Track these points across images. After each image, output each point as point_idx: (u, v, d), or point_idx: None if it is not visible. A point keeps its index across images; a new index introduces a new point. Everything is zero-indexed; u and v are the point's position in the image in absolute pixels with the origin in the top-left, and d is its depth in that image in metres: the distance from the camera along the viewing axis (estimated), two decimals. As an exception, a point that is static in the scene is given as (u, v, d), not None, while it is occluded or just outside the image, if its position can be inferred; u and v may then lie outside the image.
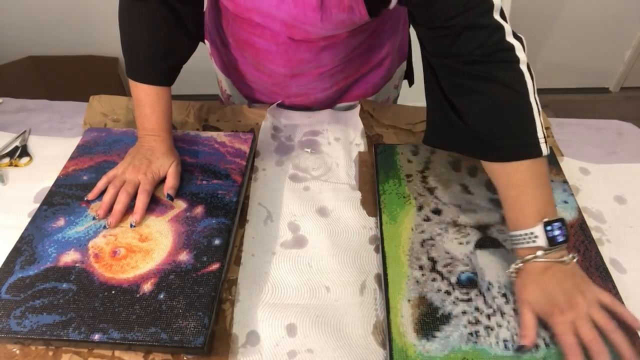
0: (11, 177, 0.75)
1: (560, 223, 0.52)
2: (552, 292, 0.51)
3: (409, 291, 0.56)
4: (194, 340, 0.51)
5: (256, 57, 0.78)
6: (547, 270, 0.52)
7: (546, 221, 0.52)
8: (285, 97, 0.85)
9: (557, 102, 2.20)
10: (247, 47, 0.77)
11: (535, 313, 0.51)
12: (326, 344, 0.54)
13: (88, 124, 0.84)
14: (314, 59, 0.75)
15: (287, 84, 0.81)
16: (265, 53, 0.75)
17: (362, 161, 0.77)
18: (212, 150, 0.74)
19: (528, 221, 0.53)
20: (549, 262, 0.52)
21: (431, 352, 0.51)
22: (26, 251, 0.60)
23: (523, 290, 0.53)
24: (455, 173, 0.72)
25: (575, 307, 0.50)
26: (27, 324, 0.53)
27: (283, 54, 0.74)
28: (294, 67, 0.77)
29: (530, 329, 0.51)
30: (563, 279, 0.51)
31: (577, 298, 0.50)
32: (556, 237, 0.52)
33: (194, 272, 0.58)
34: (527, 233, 0.53)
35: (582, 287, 0.51)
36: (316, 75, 0.79)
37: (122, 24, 0.68)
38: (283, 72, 0.78)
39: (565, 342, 0.49)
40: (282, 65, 0.76)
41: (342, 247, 0.64)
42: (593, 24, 2.03)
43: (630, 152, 0.79)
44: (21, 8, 1.91)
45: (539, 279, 0.52)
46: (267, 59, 0.77)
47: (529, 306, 0.52)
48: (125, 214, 0.64)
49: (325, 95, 0.85)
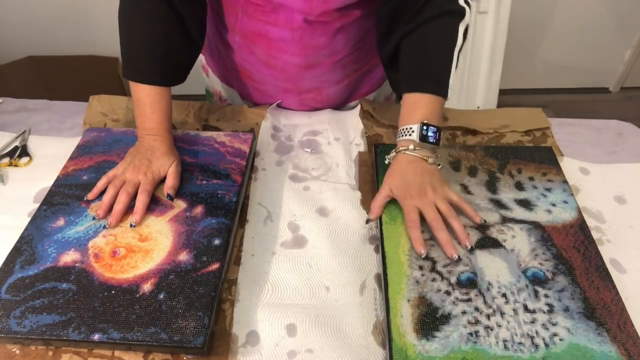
0: (11, 177, 0.75)
1: (435, 129, 0.64)
2: (410, 181, 0.63)
3: (409, 291, 0.56)
4: (193, 340, 0.51)
5: (269, 49, 0.77)
6: (412, 163, 0.64)
7: (424, 122, 0.63)
8: (297, 93, 0.84)
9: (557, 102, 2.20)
10: (258, 39, 0.76)
11: (390, 195, 0.64)
12: (326, 344, 0.54)
13: (88, 124, 0.84)
14: (329, 44, 0.75)
15: (301, 76, 0.80)
16: (279, 42, 0.75)
17: (362, 161, 0.77)
18: (211, 150, 0.74)
19: (412, 120, 0.64)
20: (416, 157, 0.64)
21: (431, 352, 0.51)
22: (26, 251, 0.60)
23: (389, 175, 0.65)
24: (455, 173, 0.72)
25: (424, 196, 0.62)
26: (26, 324, 0.53)
27: (298, 40, 0.73)
28: (308, 55, 0.76)
29: (379, 206, 0.64)
30: (422, 174, 0.63)
31: (428, 190, 0.62)
32: (428, 136, 0.64)
33: (194, 272, 0.58)
34: (407, 127, 0.65)
35: (435, 184, 0.63)
36: (330, 64, 0.79)
37: (122, 22, 0.68)
38: (297, 62, 0.77)
39: (408, 218, 0.61)
40: (297, 53, 0.76)
41: (342, 247, 0.64)
42: (593, 24, 2.03)
43: (630, 152, 0.79)
44: (21, 8, 1.91)
45: (403, 169, 0.64)
46: (281, 49, 0.76)
47: (387, 189, 0.64)
48: (125, 214, 0.64)
49: (337, 90, 0.84)
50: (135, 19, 0.67)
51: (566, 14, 2.00)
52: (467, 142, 0.81)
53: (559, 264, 0.59)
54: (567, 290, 0.56)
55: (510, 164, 0.73)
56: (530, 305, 0.55)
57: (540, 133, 0.82)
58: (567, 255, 0.60)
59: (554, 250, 0.60)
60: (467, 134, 0.82)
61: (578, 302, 0.55)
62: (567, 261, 0.59)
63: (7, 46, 2.00)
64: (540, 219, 0.64)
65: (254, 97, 0.89)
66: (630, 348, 0.51)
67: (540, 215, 0.65)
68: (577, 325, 0.53)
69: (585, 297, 0.56)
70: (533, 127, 0.82)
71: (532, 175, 0.71)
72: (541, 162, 0.73)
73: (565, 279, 0.57)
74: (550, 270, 0.58)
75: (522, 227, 0.63)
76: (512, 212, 0.65)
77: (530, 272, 0.58)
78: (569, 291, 0.56)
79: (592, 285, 0.57)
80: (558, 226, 0.64)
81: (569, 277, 0.58)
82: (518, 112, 0.86)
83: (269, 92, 0.86)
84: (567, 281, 0.57)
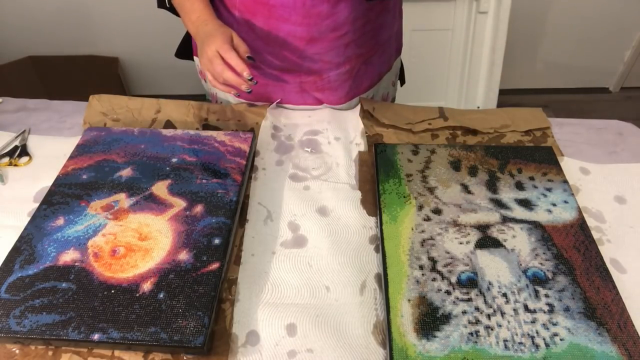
0: (11, 176, 0.75)
1: None
2: None
3: (409, 291, 0.56)
4: (193, 340, 0.51)
5: (269, 18, 0.76)
6: None
7: None
8: (297, 76, 0.83)
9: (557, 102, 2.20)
10: (259, 8, 0.76)
11: None
12: (326, 344, 0.54)
13: (88, 124, 0.84)
14: (331, 13, 0.75)
15: (302, 53, 0.80)
16: (281, 9, 0.74)
17: (362, 161, 0.77)
18: (212, 149, 0.74)
19: None
20: None
21: (431, 351, 0.51)
22: (26, 250, 0.60)
23: None
24: (455, 173, 0.71)
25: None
26: (26, 323, 0.53)
27: (300, 7, 0.73)
28: (311, 25, 0.76)
29: None
30: None
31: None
32: None
33: (194, 271, 0.58)
34: None
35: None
36: (332, 40, 0.78)
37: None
38: (299, 33, 0.77)
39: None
40: (299, 22, 0.75)
41: (342, 246, 0.64)
42: (593, 24, 2.03)
43: (630, 152, 0.79)
44: (21, 8, 1.91)
45: None
46: (283, 17, 0.75)
47: None
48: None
49: (338, 75, 0.83)
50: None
51: (566, 13, 1.99)
52: (467, 142, 0.81)
53: (560, 263, 0.59)
54: (568, 290, 0.56)
55: (511, 163, 0.73)
56: (530, 305, 0.55)
57: (540, 133, 0.82)
58: (568, 255, 0.60)
59: (554, 250, 0.60)
60: (467, 134, 0.82)
61: (578, 302, 0.55)
62: (567, 261, 0.59)
63: (7, 46, 2.00)
64: (540, 219, 0.64)
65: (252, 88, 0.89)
66: (630, 348, 0.51)
67: (541, 215, 0.65)
68: (578, 325, 0.53)
69: (585, 297, 0.56)
70: (533, 127, 0.82)
71: (532, 175, 0.71)
72: (541, 162, 0.73)
73: (565, 278, 0.57)
74: (550, 270, 0.58)
75: (523, 226, 0.63)
76: (512, 212, 0.65)
77: (531, 272, 0.58)
78: (570, 291, 0.56)
79: (593, 285, 0.57)
80: (558, 226, 0.64)
81: (570, 277, 0.58)
82: (518, 112, 0.86)
83: (267, 78, 0.85)
84: (568, 281, 0.57)
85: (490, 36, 1.75)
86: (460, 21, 1.75)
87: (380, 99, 0.95)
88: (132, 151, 0.74)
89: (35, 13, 1.91)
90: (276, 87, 0.86)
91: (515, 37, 1.93)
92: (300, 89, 0.85)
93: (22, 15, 1.93)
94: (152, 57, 2.03)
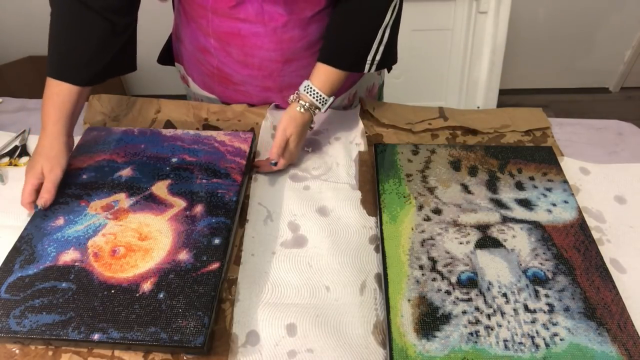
0: (11, 176, 0.75)
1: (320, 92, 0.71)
2: None
3: (409, 291, 0.56)
4: (193, 340, 0.51)
5: (244, 47, 0.76)
6: None
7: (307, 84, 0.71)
8: (278, 91, 0.84)
9: (557, 102, 2.20)
10: (232, 39, 0.76)
11: None
12: (326, 344, 0.54)
13: (88, 123, 0.84)
14: (304, 36, 0.75)
15: (280, 72, 0.80)
16: (254, 38, 0.75)
17: (362, 161, 0.77)
18: (211, 149, 0.74)
19: None
20: None
21: (431, 351, 0.51)
22: (25, 250, 0.60)
23: None
24: (455, 173, 0.71)
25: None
26: (26, 323, 0.53)
27: (272, 34, 0.74)
28: (285, 50, 0.76)
29: (279, 147, 0.72)
30: None
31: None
32: None
33: (194, 271, 0.58)
34: None
35: None
36: (307, 57, 0.78)
37: None
38: (275, 57, 0.77)
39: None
40: (273, 49, 0.76)
41: (342, 246, 0.64)
42: (593, 24, 2.03)
43: (630, 152, 0.79)
44: (21, 8, 1.91)
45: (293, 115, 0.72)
46: (256, 46, 0.76)
47: None
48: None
49: None
50: None
51: (566, 13, 2.00)
52: (467, 142, 0.81)
53: (560, 263, 0.59)
54: (568, 290, 0.56)
55: (511, 163, 0.73)
56: (530, 305, 0.55)
57: (540, 133, 0.82)
58: (568, 255, 0.60)
59: (554, 250, 0.60)
60: (467, 134, 0.82)
61: (578, 302, 0.55)
62: (567, 261, 0.59)
63: (7, 46, 2.00)
64: (540, 219, 0.64)
65: (236, 101, 0.88)
66: (630, 348, 0.51)
67: (541, 215, 0.65)
68: (578, 325, 0.53)
69: (585, 297, 0.56)
70: (533, 127, 0.82)
71: (532, 175, 0.71)
72: (541, 162, 0.73)
73: (565, 278, 0.57)
74: (550, 270, 0.58)
75: (523, 226, 0.63)
76: (512, 212, 0.65)
77: (531, 271, 0.58)
78: (570, 291, 0.56)
79: (593, 285, 0.57)
80: (558, 226, 0.64)
81: (570, 277, 0.58)
82: (518, 112, 0.86)
83: (250, 93, 0.85)
84: (568, 281, 0.57)
85: (490, 36, 1.75)
86: (460, 21, 1.75)
87: (366, 90, 0.95)
88: (132, 151, 0.74)
89: (35, 13, 1.91)
90: (259, 98, 0.86)
91: (515, 37, 1.93)
92: (283, 100, 0.86)
93: (22, 15, 1.93)
94: (152, 57, 2.02)
